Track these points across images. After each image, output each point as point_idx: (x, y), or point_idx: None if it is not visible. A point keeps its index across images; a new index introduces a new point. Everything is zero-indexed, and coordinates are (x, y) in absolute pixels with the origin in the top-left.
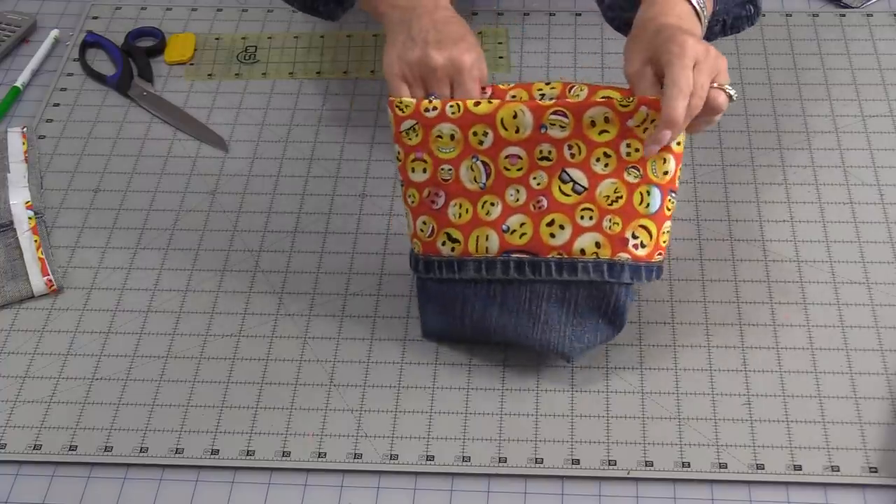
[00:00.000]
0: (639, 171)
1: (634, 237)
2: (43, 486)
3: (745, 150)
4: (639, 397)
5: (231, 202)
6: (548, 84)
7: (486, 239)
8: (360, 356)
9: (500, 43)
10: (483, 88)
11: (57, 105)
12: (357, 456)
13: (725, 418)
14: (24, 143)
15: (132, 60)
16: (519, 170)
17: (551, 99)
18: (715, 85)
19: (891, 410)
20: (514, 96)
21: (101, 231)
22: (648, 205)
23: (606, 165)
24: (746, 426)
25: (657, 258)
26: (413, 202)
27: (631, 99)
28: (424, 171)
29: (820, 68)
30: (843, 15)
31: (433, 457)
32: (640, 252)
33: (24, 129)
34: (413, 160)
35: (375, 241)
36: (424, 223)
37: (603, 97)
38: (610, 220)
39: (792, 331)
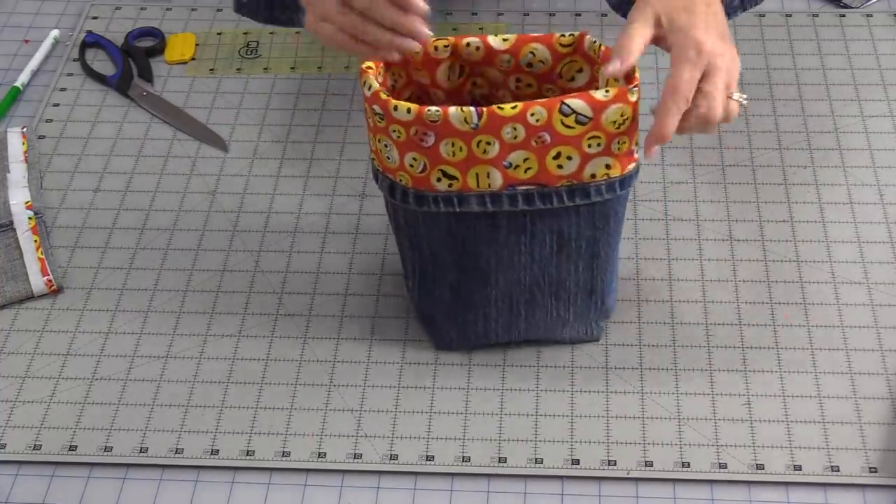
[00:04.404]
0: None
1: (637, 144)
2: (43, 486)
3: (745, 150)
4: (639, 397)
5: (231, 202)
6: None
7: (488, 176)
8: (360, 356)
9: None
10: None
11: (57, 105)
12: (357, 456)
13: (725, 418)
14: (23, 143)
15: (132, 60)
16: (513, 108)
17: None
18: (731, 95)
19: (891, 410)
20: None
21: (101, 231)
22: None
23: (608, 92)
24: (746, 426)
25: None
26: (399, 137)
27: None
28: (409, 111)
29: (820, 68)
30: (843, 15)
31: (433, 457)
32: (638, 154)
33: (24, 129)
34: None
35: (375, 241)
36: (415, 159)
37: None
38: (618, 142)
39: (792, 331)
